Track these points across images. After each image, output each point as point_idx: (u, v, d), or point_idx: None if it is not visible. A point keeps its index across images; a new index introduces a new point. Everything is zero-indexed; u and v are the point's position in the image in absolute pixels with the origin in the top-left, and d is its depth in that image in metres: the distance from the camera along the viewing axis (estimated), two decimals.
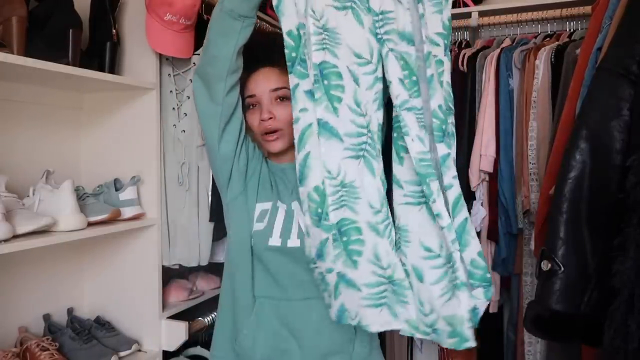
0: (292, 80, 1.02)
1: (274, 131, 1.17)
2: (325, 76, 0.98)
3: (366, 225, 0.97)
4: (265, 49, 1.22)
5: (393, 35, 0.98)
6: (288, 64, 1.02)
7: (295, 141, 1.01)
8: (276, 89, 1.18)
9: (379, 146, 1.00)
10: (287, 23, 1.02)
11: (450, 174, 0.98)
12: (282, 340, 1.16)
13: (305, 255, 1.04)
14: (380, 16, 0.98)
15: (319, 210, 0.97)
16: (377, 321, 0.98)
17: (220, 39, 1.10)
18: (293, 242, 1.14)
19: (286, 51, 1.02)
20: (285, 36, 1.02)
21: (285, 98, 1.18)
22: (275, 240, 1.15)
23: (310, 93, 0.99)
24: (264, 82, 1.19)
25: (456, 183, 0.98)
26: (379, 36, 0.99)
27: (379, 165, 1.00)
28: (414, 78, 0.97)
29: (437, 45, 1.04)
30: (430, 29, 1.03)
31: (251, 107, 1.21)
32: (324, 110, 0.97)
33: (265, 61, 1.21)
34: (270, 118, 1.16)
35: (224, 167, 1.19)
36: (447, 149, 0.98)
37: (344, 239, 0.97)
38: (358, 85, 0.99)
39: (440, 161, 0.97)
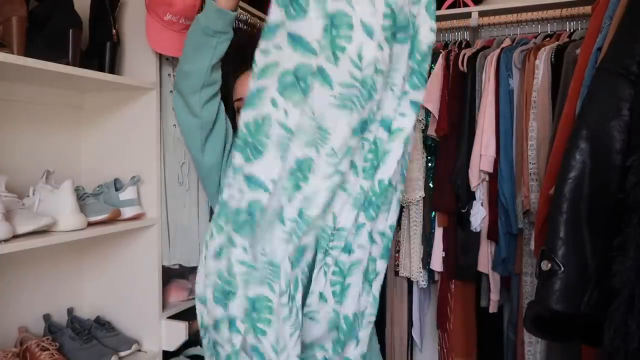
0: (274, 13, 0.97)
1: None
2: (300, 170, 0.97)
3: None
4: (252, 52, 1.21)
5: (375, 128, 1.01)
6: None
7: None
8: None
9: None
10: (256, 112, 0.98)
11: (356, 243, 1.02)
12: None
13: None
14: (372, 115, 1.00)
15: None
16: None
17: (195, 54, 1.12)
18: None
19: None
20: (252, 124, 0.99)
21: None
22: None
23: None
24: None
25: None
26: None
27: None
28: (375, 163, 1.02)
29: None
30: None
31: (240, 110, 1.19)
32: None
33: (252, 64, 1.20)
34: None
35: (211, 176, 1.20)
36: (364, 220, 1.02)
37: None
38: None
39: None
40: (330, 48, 0.95)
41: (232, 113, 1.34)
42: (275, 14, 0.96)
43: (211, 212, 1.55)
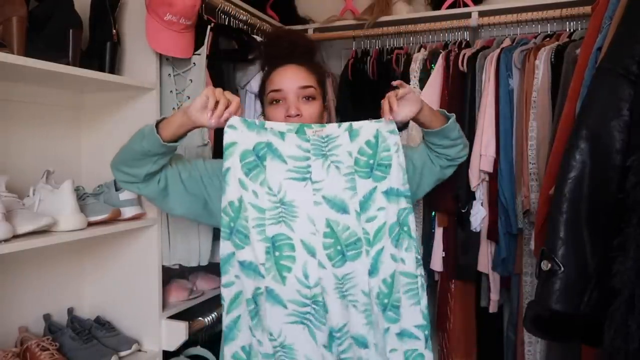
0: (226, 247, 1.07)
1: None
2: (278, 248, 1.05)
3: None
4: (291, 46, 1.24)
5: (352, 349, 1.07)
6: (225, 231, 1.07)
7: (225, 305, 1.09)
8: (305, 87, 1.20)
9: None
10: (230, 194, 1.06)
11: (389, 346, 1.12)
12: None
13: None
14: (339, 333, 1.06)
15: None
16: (300, 339, 1.05)
17: (134, 163, 1.14)
18: None
19: (224, 220, 1.07)
20: (227, 206, 1.07)
21: (310, 97, 1.20)
22: None
23: (244, 264, 1.06)
24: (292, 79, 1.19)
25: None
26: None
27: (321, 334, 1.06)
28: None
29: (418, 339, 1.11)
30: (409, 322, 1.10)
31: (275, 102, 1.21)
32: (271, 280, 1.04)
33: (290, 58, 1.22)
34: (298, 115, 1.17)
35: (211, 209, 1.20)
36: (386, 324, 1.11)
37: None
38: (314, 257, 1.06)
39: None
40: (276, 269, 1.04)
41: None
42: (225, 247, 1.07)
43: None
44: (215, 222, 1.19)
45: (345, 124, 1.12)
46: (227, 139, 1.08)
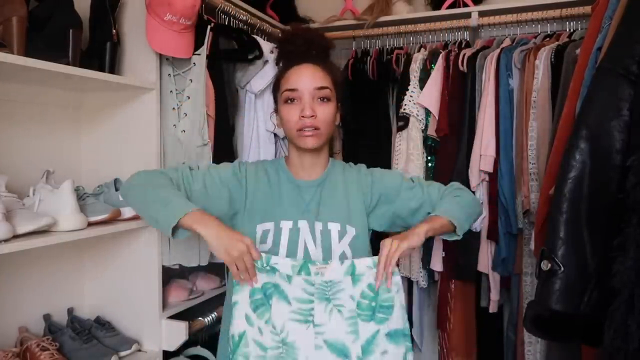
0: None
1: (313, 128, 1.16)
2: None
3: None
4: (307, 44, 1.23)
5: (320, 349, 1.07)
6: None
7: None
8: (321, 88, 1.18)
9: None
10: (235, 327, 1.07)
11: None
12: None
13: None
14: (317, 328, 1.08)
15: None
16: None
17: (139, 212, 1.17)
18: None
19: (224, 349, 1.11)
20: (229, 338, 1.08)
21: (325, 98, 1.19)
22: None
23: None
24: (309, 79, 1.18)
25: None
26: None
27: None
28: None
29: None
30: None
31: (289, 101, 1.19)
32: None
33: (306, 57, 1.21)
34: (313, 116, 1.16)
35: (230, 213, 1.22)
36: None
37: None
38: None
39: None
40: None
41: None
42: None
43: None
44: (236, 223, 1.22)
45: (347, 266, 1.10)
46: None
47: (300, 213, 1.20)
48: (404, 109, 1.98)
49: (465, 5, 2.15)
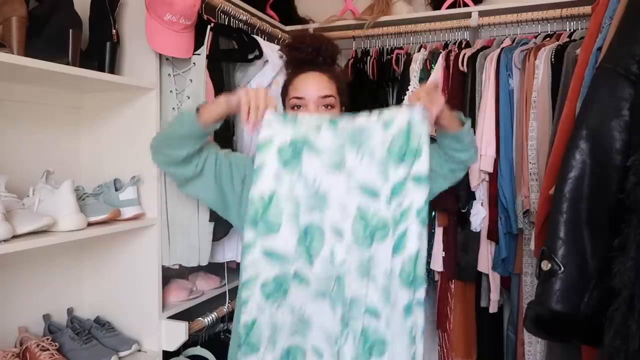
0: (250, 234, 1.13)
1: None
2: (309, 235, 1.14)
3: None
4: (315, 52, 1.28)
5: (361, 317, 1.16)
6: (252, 219, 1.13)
7: (242, 283, 1.16)
8: (325, 97, 1.25)
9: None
10: (262, 186, 1.12)
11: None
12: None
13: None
14: (349, 305, 1.16)
15: None
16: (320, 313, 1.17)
17: (174, 144, 1.20)
18: None
19: (251, 209, 1.13)
20: (257, 196, 1.12)
21: (329, 106, 1.26)
22: None
23: (269, 252, 1.14)
24: (314, 88, 1.25)
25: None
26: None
27: (339, 309, 1.15)
28: (367, 346, 1.15)
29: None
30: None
31: (296, 108, 1.27)
32: (300, 263, 1.13)
33: (314, 64, 1.28)
34: None
35: (231, 203, 1.28)
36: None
37: None
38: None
39: None
40: (306, 252, 1.13)
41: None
42: (249, 234, 1.13)
43: (211, 212, 1.55)
44: (228, 214, 1.29)
45: (377, 114, 1.16)
46: (263, 133, 1.13)
47: None
48: None
49: (465, 5, 2.15)
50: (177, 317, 1.58)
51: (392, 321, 1.15)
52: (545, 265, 1.03)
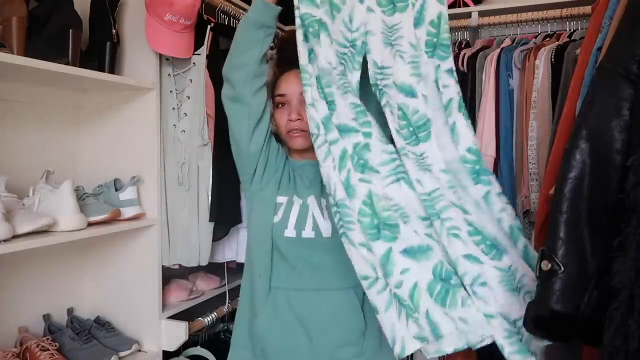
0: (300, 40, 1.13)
1: (300, 130, 1.26)
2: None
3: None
4: (296, 50, 1.27)
5: (391, 89, 1.08)
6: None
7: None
8: None
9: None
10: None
11: (497, 208, 1.03)
12: (294, 329, 1.22)
13: (320, 245, 1.20)
14: (380, 70, 1.09)
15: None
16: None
17: (245, 47, 1.22)
18: (307, 233, 1.23)
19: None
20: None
21: None
22: (290, 232, 1.23)
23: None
24: (295, 84, 1.26)
25: (505, 216, 1.04)
26: (380, 87, 1.09)
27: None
28: (411, 129, 1.06)
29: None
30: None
31: (280, 105, 1.30)
32: (324, 14, 1.14)
33: (294, 63, 1.25)
34: (298, 119, 1.26)
35: (250, 163, 1.28)
36: (486, 187, 1.03)
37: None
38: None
39: (483, 200, 1.03)
40: (329, 3, 1.12)
41: None
42: None
43: (211, 212, 1.55)
44: (240, 155, 1.29)
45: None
46: None
47: (307, 190, 1.28)
48: None
49: (465, 5, 2.15)
50: (177, 317, 1.58)
51: (431, 100, 1.09)
52: (545, 265, 1.03)
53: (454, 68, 1.09)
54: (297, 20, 1.17)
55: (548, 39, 1.92)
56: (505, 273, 0.98)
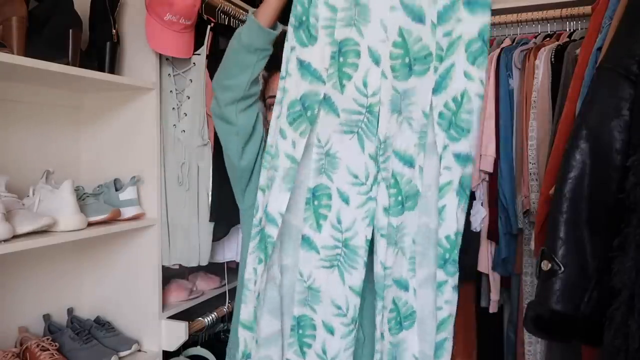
0: (291, 41, 1.02)
1: None
2: (317, 197, 1.02)
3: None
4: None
5: (391, 161, 1.00)
6: (296, 20, 1.03)
7: None
8: None
9: (361, 260, 1.01)
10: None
11: (443, 299, 0.99)
12: None
13: None
14: (383, 144, 1.00)
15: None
16: (348, 146, 1.01)
17: (235, 70, 1.14)
18: None
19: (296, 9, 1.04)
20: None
21: None
22: None
23: (304, 65, 1.00)
24: None
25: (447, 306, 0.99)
26: (379, 161, 1.01)
27: (370, 144, 1.00)
28: (400, 198, 1.00)
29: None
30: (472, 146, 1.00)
31: (272, 107, 1.20)
32: (331, 87, 1.00)
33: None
34: None
35: (243, 178, 1.23)
36: (447, 277, 0.98)
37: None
38: (347, 204, 1.01)
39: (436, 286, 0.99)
40: (337, 76, 0.99)
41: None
42: (289, 36, 1.03)
43: (211, 212, 1.55)
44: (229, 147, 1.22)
45: None
46: None
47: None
48: None
49: None
50: (177, 317, 1.58)
51: (427, 173, 1.00)
52: (545, 265, 1.03)
53: (465, 153, 0.98)
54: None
55: (548, 39, 1.92)
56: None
